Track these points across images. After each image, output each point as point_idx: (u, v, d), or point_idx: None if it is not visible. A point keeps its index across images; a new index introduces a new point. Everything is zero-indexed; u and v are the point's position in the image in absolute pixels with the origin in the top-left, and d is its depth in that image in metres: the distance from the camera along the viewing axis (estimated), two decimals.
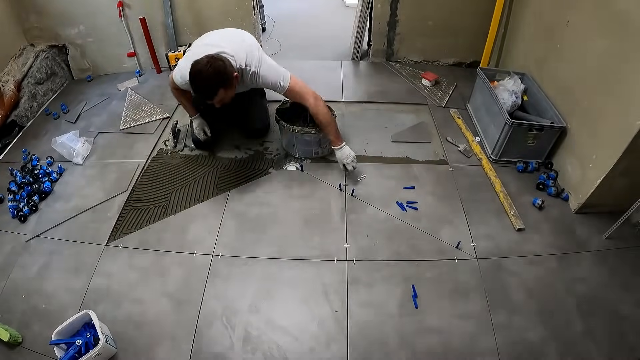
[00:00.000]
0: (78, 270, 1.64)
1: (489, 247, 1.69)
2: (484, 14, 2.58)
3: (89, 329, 1.38)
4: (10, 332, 1.38)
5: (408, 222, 1.79)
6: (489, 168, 2.05)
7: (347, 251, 1.68)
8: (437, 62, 3.00)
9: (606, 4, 1.65)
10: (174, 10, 2.74)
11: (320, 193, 1.94)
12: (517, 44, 2.45)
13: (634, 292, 1.54)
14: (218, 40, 1.77)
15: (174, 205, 1.89)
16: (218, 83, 1.58)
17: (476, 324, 1.44)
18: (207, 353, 1.38)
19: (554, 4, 2.05)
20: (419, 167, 2.07)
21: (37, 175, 2.04)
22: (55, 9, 2.65)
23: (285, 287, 1.57)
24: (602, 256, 1.66)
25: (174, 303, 1.52)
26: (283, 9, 4.10)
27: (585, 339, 1.40)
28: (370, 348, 1.39)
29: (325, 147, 2.09)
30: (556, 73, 2.02)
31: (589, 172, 1.75)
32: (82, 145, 2.21)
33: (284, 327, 1.44)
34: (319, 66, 2.97)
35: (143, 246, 1.72)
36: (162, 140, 2.30)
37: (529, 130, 1.93)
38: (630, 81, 1.52)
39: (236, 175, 2.05)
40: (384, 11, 2.74)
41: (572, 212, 1.85)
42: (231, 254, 1.68)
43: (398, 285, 1.56)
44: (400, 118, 2.43)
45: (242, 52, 1.72)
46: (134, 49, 2.89)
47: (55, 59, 2.81)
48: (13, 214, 1.88)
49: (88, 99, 2.72)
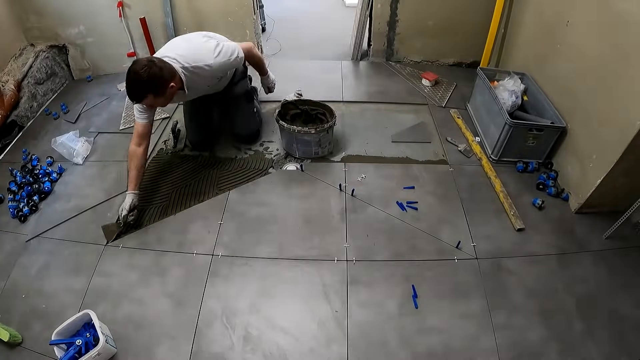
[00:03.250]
0: (78, 270, 1.64)
1: (489, 247, 1.69)
2: (483, 14, 2.58)
3: (89, 329, 1.38)
4: (10, 332, 1.38)
5: (408, 222, 1.79)
6: (489, 168, 2.05)
7: (347, 251, 1.68)
8: (437, 62, 3.00)
9: (606, 4, 1.65)
10: (174, 10, 2.74)
11: (320, 193, 1.94)
12: (517, 44, 2.45)
13: (634, 292, 1.54)
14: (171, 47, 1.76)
15: (174, 205, 1.89)
16: (149, 88, 1.57)
17: (476, 324, 1.44)
18: (207, 353, 1.38)
19: (554, 4, 2.05)
20: (419, 167, 2.07)
21: (37, 175, 2.04)
22: (55, 9, 2.65)
23: (285, 287, 1.57)
24: (602, 256, 1.66)
25: (174, 303, 1.52)
26: (283, 9, 4.09)
27: (585, 339, 1.40)
28: (370, 348, 1.38)
29: (325, 147, 2.10)
30: (556, 73, 2.02)
31: (589, 172, 1.75)
32: (82, 145, 2.21)
33: (284, 327, 1.44)
34: (319, 66, 2.97)
35: (143, 246, 1.72)
36: (162, 140, 2.30)
37: (529, 130, 1.93)
38: (630, 81, 1.52)
39: (236, 175, 2.05)
40: (384, 11, 2.74)
41: (572, 212, 1.85)
42: (231, 254, 1.68)
43: (398, 285, 1.56)
44: (400, 118, 2.43)
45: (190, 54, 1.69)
46: (134, 49, 2.89)
47: (55, 59, 2.81)
48: (13, 214, 1.88)
49: (88, 99, 2.72)
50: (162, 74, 1.57)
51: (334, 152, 2.17)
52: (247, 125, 2.19)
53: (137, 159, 1.77)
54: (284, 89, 2.41)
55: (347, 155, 2.16)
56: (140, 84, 1.55)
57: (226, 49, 1.77)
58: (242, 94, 2.12)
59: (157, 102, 1.67)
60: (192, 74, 1.71)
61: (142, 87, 1.56)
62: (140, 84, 1.55)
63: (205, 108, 2.12)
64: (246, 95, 2.15)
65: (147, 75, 1.53)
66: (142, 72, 1.52)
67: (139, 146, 1.77)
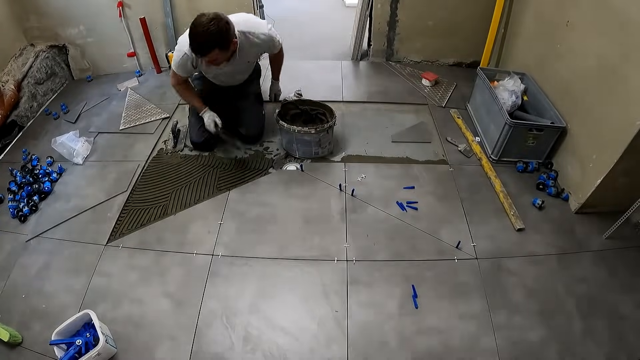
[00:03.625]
0: (78, 270, 1.64)
1: (489, 247, 1.69)
2: (484, 14, 2.58)
3: (89, 329, 1.38)
4: (10, 332, 1.38)
5: (408, 222, 1.79)
6: (489, 168, 2.05)
7: (347, 251, 1.68)
8: (437, 62, 3.00)
9: (606, 3, 1.65)
10: (174, 10, 2.74)
11: (320, 193, 1.94)
12: (517, 44, 2.45)
13: (634, 292, 1.54)
14: None
15: (174, 205, 1.89)
16: (216, 42, 1.58)
17: (476, 324, 1.44)
18: (207, 353, 1.38)
19: (554, 4, 2.05)
20: (419, 167, 2.07)
21: (37, 175, 2.04)
22: (55, 9, 2.65)
23: (285, 287, 1.57)
24: (602, 256, 1.66)
25: (174, 303, 1.52)
26: (283, 9, 4.09)
27: (585, 339, 1.40)
28: (370, 348, 1.38)
29: (325, 147, 2.10)
30: (556, 73, 2.02)
31: (589, 172, 1.75)
32: (82, 145, 2.21)
33: (284, 327, 1.44)
34: (319, 66, 2.97)
35: (143, 246, 1.72)
36: (162, 140, 2.30)
37: (529, 130, 1.93)
38: (630, 81, 1.52)
39: (236, 175, 2.05)
40: (384, 11, 2.74)
41: (572, 212, 1.85)
42: (231, 254, 1.68)
43: (398, 285, 1.56)
44: (400, 118, 2.43)
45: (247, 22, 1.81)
46: (134, 49, 2.89)
47: (55, 59, 2.81)
48: (13, 214, 1.88)
49: (88, 99, 2.72)
50: (229, 29, 1.61)
51: (334, 152, 2.17)
52: (256, 125, 2.22)
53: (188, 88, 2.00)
54: (283, 89, 2.42)
55: (347, 155, 2.16)
56: (210, 36, 1.56)
57: (274, 30, 1.91)
58: (255, 93, 2.21)
59: (220, 58, 1.67)
60: (245, 39, 1.79)
61: (211, 40, 1.57)
62: (210, 36, 1.56)
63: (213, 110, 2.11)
64: (258, 97, 2.23)
65: (217, 28, 1.55)
66: (211, 25, 1.54)
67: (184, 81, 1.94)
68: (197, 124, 2.11)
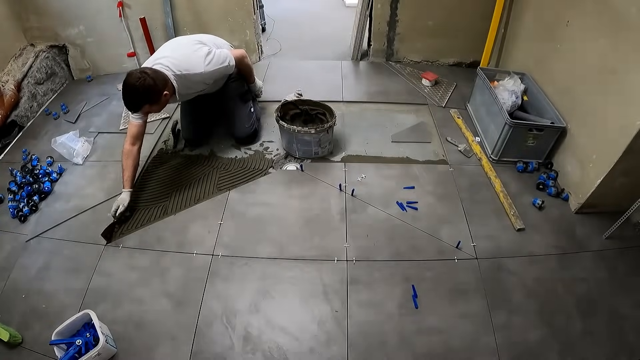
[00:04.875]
0: (78, 270, 1.64)
1: (489, 247, 1.69)
2: (484, 14, 2.58)
3: (89, 329, 1.38)
4: (10, 332, 1.38)
5: (408, 222, 1.79)
6: (489, 168, 2.05)
7: (347, 251, 1.68)
8: (437, 62, 3.00)
9: (606, 4, 1.65)
10: (174, 10, 2.74)
11: (320, 193, 1.94)
12: (517, 44, 2.45)
13: (634, 292, 1.54)
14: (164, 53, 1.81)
15: (174, 205, 1.89)
16: (144, 99, 1.66)
17: (476, 324, 1.44)
18: (207, 353, 1.38)
19: (554, 4, 2.05)
20: (419, 167, 2.07)
21: (37, 175, 2.04)
22: (55, 9, 2.65)
23: (285, 287, 1.57)
24: (602, 256, 1.66)
25: (174, 303, 1.52)
26: (283, 9, 4.10)
27: (585, 339, 1.40)
28: (370, 348, 1.38)
29: (325, 147, 2.10)
30: (556, 73, 2.02)
31: (589, 172, 1.75)
32: (82, 145, 2.21)
33: (284, 327, 1.44)
34: (319, 66, 2.97)
35: (143, 246, 1.72)
36: (162, 140, 2.30)
37: (529, 130, 1.93)
38: (630, 81, 1.52)
39: (236, 175, 2.05)
40: (384, 11, 2.74)
41: (572, 212, 1.85)
42: (231, 254, 1.68)
43: (398, 285, 1.56)
44: (400, 118, 2.43)
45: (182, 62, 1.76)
46: (134, 49, 2.89)
47: (55, 59, 2.81)
48: (13, 214, 1.88)
49: (88, 99, 2.72)
50: (156, 84, 1.65)
51: (334, 152, 2.17)
52: (243, 127, 2.17)
53: (133, 159, 1.83)
54: (284, 89, 2.42)
55: (347, 155, 2.16)
56: (136, 95, 1.64)
57: (217, 57, 1.85)
58: (236, 95, 2.12)
59: (153, 110, 1.76)
60: (184, 80, 1.78)
61: (138, 98, 1.66)
62: (136, 95, 1.64)
63: (199, 107, 2.14)
64: (241, 97, 2.15)
65: (142, 86, 1.62)
66: (137, 84, 1.61)
67: (133, 145, 1.83)
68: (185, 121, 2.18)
